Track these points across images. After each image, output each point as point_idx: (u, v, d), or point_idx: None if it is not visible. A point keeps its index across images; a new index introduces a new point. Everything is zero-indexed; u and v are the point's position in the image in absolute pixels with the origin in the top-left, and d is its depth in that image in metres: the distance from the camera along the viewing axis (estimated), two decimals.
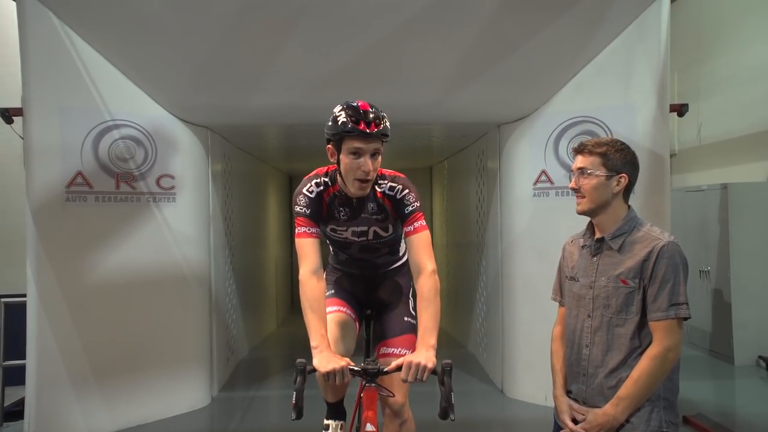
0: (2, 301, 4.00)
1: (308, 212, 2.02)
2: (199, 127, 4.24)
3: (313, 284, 1.96)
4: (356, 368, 1.83)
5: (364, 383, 1.87)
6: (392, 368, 1.83)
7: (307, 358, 1.80)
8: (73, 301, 3.62)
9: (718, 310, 5.48)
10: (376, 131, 1.88)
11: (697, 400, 4.25)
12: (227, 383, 4.84)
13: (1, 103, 3.92)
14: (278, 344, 6.82)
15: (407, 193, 2.03)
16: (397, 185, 2.05)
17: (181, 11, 3.42)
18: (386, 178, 2.06)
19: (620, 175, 1.82)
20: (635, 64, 3.80)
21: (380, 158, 1.96)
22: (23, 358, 3.59)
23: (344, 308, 2.26)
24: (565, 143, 3.99)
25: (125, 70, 3.78)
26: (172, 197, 4.03)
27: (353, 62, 3.69)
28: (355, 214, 2.10)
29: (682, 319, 1.74)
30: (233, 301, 5.28)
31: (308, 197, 2.03)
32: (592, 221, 1.91)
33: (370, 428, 1.79)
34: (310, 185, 2.06)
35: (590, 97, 3.92)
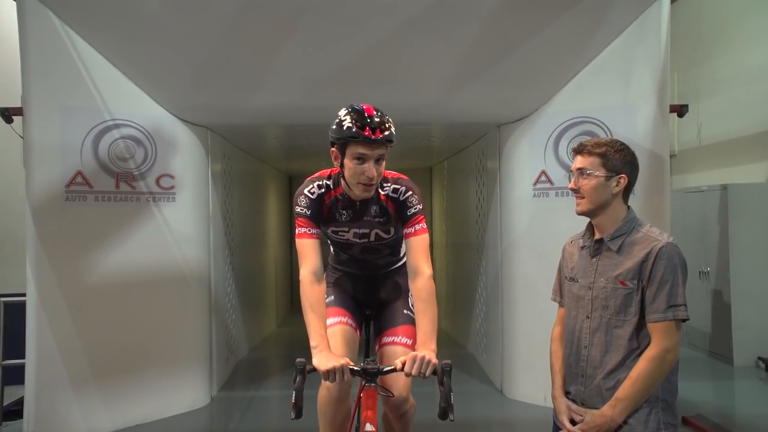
0: (2, 300, 4.00)
1: (309, 213, 2.02)
2: (199, 126, 4.24)
3: (313, 285, 1.96)
4: (356, 368, 1.83)
5: (363, 383, 1.87)
6: (392, 368, 1.83)
7: (306, 358, 1.80)
8: (72, 300, 3.62)
9: (717, 310, 5.48)
10: (381, 137, 1.87)
11: (696, 400, 4.25)
12: (227, 383, 4.84)
13: (1, 102, 3.91)
14: (278, 344, 6.82)
15: (410, 195, 2.04)
16: (400, 187, 2.05)
17: (181, 11, 3.42)
18: (389, 180, 2.06)
19: (620, 175, 1.82)
20: (635, 64, 3.80)
21: (384, 163, 1.95)
22: (23, 357, 3.58)
23: (345, 318, 2.25)
24: (565, 144, 3.99)
25: (125, 69, 3.78)
26: (171, 197, 4.03)
27: (353, 62, 3.69)
28: (357, 216, 2.10)
29: (680, 320, 1.74)
30: (233, 301, 5.28)
31: (309, 198, 2.03)
32: (591, 222, 1.91)
33: (369, 428, 1.78)
34: (311, 186, 2.05)
35: (590, 97, 3.92)
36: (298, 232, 2.01)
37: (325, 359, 1.81)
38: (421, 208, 2.04)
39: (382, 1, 3.38)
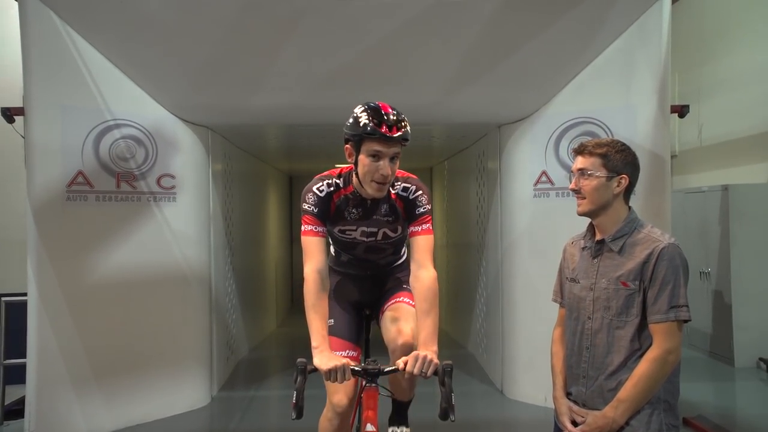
0: (3, 299, 4.00)
1: (316, 211, 2.00)
2: (199, 126, 4.24)
3: (317, 283, 1.95)
4: (357, 368, 1.84)
5: (364, 383, 1.87)
6: (393, 368, 1.84)
7: (307, 358, 1.80)
8: (73, 300, 3.63)
9: (718, 311, 5.48)
10: (397, 135, 1.86)
11: (697, 401, 4.25)
12: (227, 383, 4.84)
13: (2, 102, 3.92)
14: (278, 344, 6.82)
15: (420, 194, 2.04)
16: (410, 186, 2.05)
17: (182, 11, 3.43)
18: (399, 179, 2.06)
19: (621, 176, 1.81)
20: (636, 65, 3.79)
21: (398, 162, 1.95)
22: (24, 356, 3.58)
23: (347, 351, 2.19)
24: (565, 144, 3.99)
25: (126, 69, 3.78)
26: (172, 197, 4.03)
27: (354, 62, 3.69)
28: (367, 214, 2.09)
29: (682, 321, 1.74)
30: (233, 300, 5.29)
31: (318, 196, 2.02)
32: (592, 222, 1.91)
33: (370, 428, 1.79)
34: (320, 184, 2.04)
35: (591, 97, 3.92)
36: (304, 229, 1.99)
37: (326, 359, 1.81)
38: (429, 208, 2.04)
39: (382, 1, 3.39)
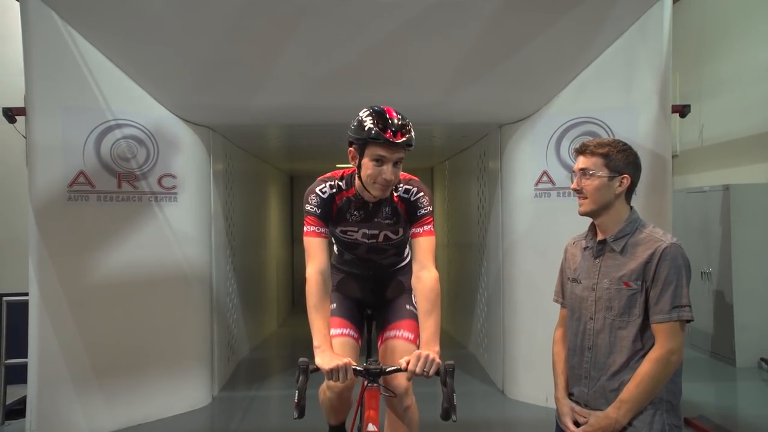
0: (4, 299, 4.01)
1: (318, 212, 2.02)
2: (200, 126, 4.24)
3: (319, 284, 1.96)
4: (358, 368, 1.84)
5: (366, 383, 1.87)
6: (395, 368, 1.84)
7: (308, 358, 1.81)
8: (74, 299, 3.63)
9: (719, 311, 5.47)
10: (401, 141, 1.87)
11: (698, 402, 4.24)
12: (228, 383, 4.84)
13: (4, 102, 3.93)
14: (279, 344, 6.82)
15: (422, 196, 2.05)
16: (412, 188, 2.06)
17: (183, 11, 3.43)
18: (401, 181, 2.06)
19: (622, 175, 1.81)
20: (637, 65, 3.79)
21: (402, 166, 1.96)
22: (25, 356, 3.59)
23: (347, 329, 2.24)
24: (566, 144, 3.98)
25: (127, 69, 3.78)
26: (173, 197, 4.03)
27: (355, 62, 3.69)
28: (369, 217, 2.10)
29: (684, 321, 1.73)
30: (234, 300, 5.29)
31: (320, 197, 2.03)
32: (594, 222, 1.90)
33: (371, 428, 1.79)
34: (323, 186, 2.05)
35: (592, 97, 3.92)
36: (306, 230, 2.01)
37: (328, 359, 1.81)
38: (431, 210, 2.05)
39: (383, 1, 3.39)
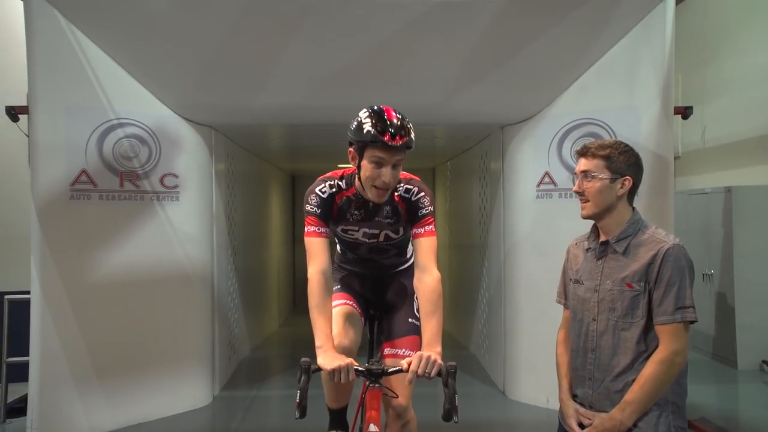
0: (6, 297, 4.02)
1: (319, 212, 2.02)
2: (203, 126, 4.24)
3: (320, 284, 1.96)
4: (360, 368, 1.84)
5: (367, 384, 1.87)
6: (396, 369, 1.84)
7: (309, 357, 1.81)
8: (76, 298, 3.63)
9: (721, 313, 5.46)
10: (400, 144, 1.85)
11: (700, 404, 4.23)
12: (229, 382, 4.84)
13: (7, 101, 3.93)
14: (280, 344, 6.83)
15: (422, 196, 2.04)
16: (413, 188, 2.05)
17: (186, 11, 3.43)
18: (402, 180, 2.05)
19: (624, 177, 1.80)
20: (640, 66, 3.79)
21: (401, 168, 1.95)
22: (26, 354, 3.60)
23: (351, 302, 2.27)
24: (568, 145, 3.98)
25: (130, 69, 3.79)
26: (175, 196, 4.03)
27: (357, 63, 3.69)
28: (369, 216, 2.10)
29: (688, 322, 1.72)
30: (235, 300, 5.29)
31: (320, 197, 2.03)
32: (596, 224, 1.90)
33: (373, 429, 1.79)
34: (323, 186, 2.05)
35: (594, 99, 3.91)
36: (307, 230, 2.01)
37: (330, 358, 1.81)
38: (432, 210, 2.04)
39: (386, 2, 3.39)
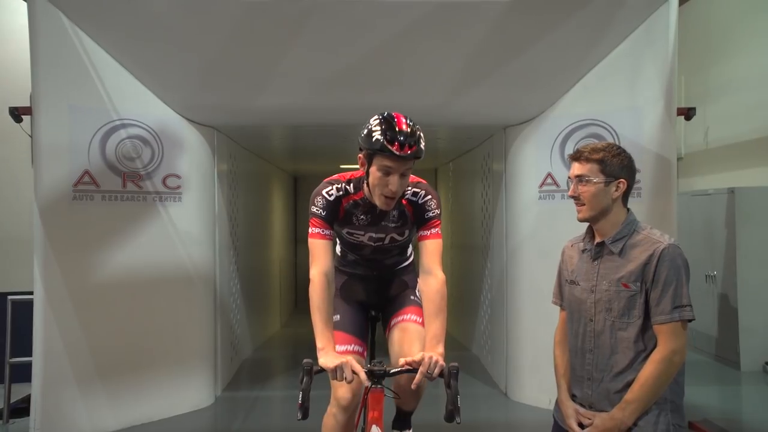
0: (9, 298, 4.02)
1: (324, 214, 2.01)
2: (205, 127, 4.25)
3: (323, 286, 1.96)
4: (363, 369, 1.83)
5: (370, 385, 1.87)
6: (399, 370, 1.84)
7: (311, 358, 1.81)
8: (78, 299, 3.64)
9: (724, 315, 5.45)
10: (409, 153, 1.85)
11: (703, 405, 4.23)
12: (231, 383, 4.85)
13: (10, 101, 3.94)
14: (282, 345, 6.83)
15: (429, 199, 2.05)
16: (420, 191, 2.06)
17: (188, 12, 3.44)
18: (409, 184, 2.05)
19: (619, 180, 1.83)
20: (643, 67, 3.78)
21: (410, 176, 1.95)
22: (29, 355, 3.60)
23: (352, 345, 2.20)
24: (571, 146, 3.97)
25: (133, 69, 3.80)
26: (178, 197, 4.04)
27: (360, 64, 3.69)
28: (376, 221, 2.11)
29: (686, 321, 1.74)
30: (237, 301, 5.29)
31: (326, 200, 2.03)
32: (591, 226, 1.92)
33: (375, 430, 1.79)
34: (329, 188, 2.05)
35: (597, 100, 3.91)
36: (311, 231, 2.01)
37: (331, 358, 1.83)
38: (438, 213, 2.05)
39: (389, 2, 3.39)
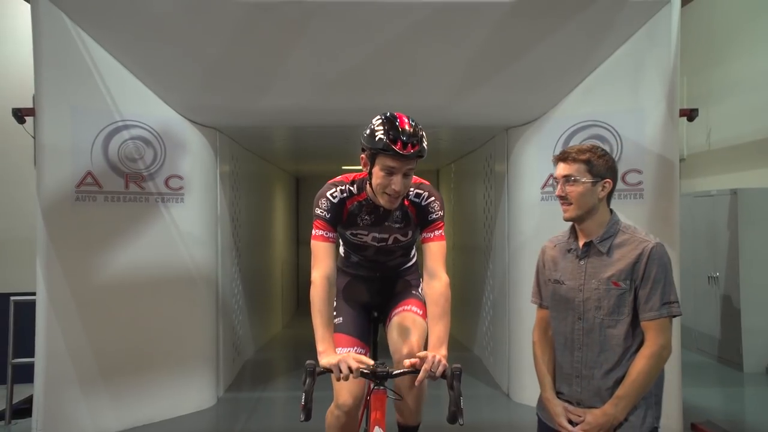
0: (11, 299, 4.03)
1: (328, 217, 2.01)
2: (208, 128, 4.26)
3: (324, 288, 1.96)
4: (365, 370, 1.83)
5: (372, 386, 1.87)
6: (401, 371, 1.84)
7: (313, 359, 1.81)
8: (81, 299, 3.64)
9: (727, 316, 5.44)
10: (411, 153, 1.85)
11: (705, 406, 4.22)
12: (233, 384, 4.85)
13: (13, 102, 3.95)
14: (284, 346, 6.84)
15: (432, 200, 2.05)
16: (423, 192, 2.06)
17: (191, 13, 3.45)
18: (412, 185, 2.05)
19: (604, 180, 1.88)
20: (645, 68, 3.78)
21: (412, 176, 1.95)
22: (32, 356, 3.61)
23: (354, 348, 2.20)
24: None
25: (136, 71, 3.81)
26: (180, 198, 4.05)
27: (362, 65, 3.70)
28: (379, 221, 2.11)
29: (673, 317, 1.81)
30: (239, 302, 5.30)
31: (331, 202, 2.02)
32: (575, 226, 1.95)
33: (378, 431, 1.78)
34: (333, 190, 2.04)
35: (599, 101, 3.90)
36: (314, 233, 2.01)
37: (332, 357, 1.83)
38: (441, 214, 2.05)
39: (391, 4, 3.39)
